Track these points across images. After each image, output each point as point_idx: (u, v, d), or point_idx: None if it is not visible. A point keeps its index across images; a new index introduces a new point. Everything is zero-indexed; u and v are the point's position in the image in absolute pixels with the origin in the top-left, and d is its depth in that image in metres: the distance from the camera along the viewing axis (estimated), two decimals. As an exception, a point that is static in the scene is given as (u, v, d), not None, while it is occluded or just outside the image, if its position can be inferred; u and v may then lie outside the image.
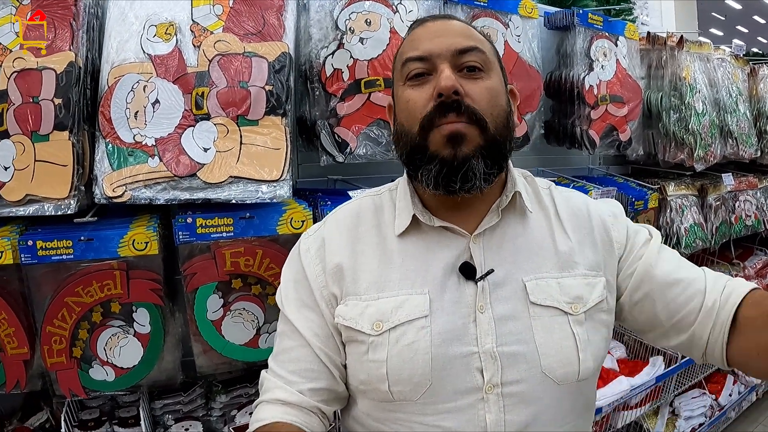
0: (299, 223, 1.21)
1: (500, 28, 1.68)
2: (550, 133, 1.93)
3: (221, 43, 1.22)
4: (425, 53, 0.83)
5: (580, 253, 0.89)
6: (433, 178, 0.80)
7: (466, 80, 0.81)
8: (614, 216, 0.94)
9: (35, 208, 1.12)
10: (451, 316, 0.82)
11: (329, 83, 1.37)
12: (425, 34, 0.85)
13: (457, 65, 0.82)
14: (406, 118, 0.84)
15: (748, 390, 2.71)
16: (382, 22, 1.41)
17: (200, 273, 1.19)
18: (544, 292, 0.84)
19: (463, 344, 0.81)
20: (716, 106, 2.31)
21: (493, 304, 0.83)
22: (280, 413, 0.85)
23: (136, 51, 1.19)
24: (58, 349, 1.15)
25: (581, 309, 0.85)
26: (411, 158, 0.84)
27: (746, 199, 2.53)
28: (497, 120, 0.82)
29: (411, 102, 0.83)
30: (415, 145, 0.82)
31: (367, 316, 0.84)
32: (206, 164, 1.16)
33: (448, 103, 0.79)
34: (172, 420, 1.36)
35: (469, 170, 0.79)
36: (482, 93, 0.81)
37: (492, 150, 0.81)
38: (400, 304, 0.83)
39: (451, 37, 0.83)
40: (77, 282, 1.12)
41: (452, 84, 0.79)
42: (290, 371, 0.88)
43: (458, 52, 0.82)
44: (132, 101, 1.16)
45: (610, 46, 1.94)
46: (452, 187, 0.80)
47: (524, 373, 0.81)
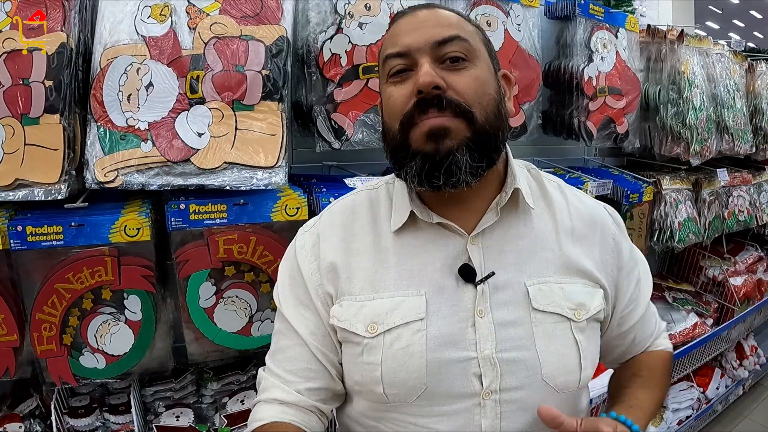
0: (294, 210, 1.20)
1: (501, 16, 1.66)
2: (547, 123, 1.91)
3: (217, 25, 1.19)
4: (404, 48, 0.80)
5: (584, 259, 0.87)
6: (416, 174, 0.78)
7: (449, 72, 0.78)
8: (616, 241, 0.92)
9: (25, 193, 1.09)
10: (449, 319, 0.80)
11: (327, 68, 1.34)
12: (404, 28, 0.82)
13: (439, 57, 0.79)
14: (389, 116, 0.82)
15: (735, 384, 2.75)
16: (381, 6, 1.39)
17: (193, 260, 1.17)
18: (548, 298, 0.82)
19: (461, 349, 0.80)
20: (713, 101, 2.30)
21: (493, 309, 0.81)
22: (279, 413, 0.85)
23: (130, 32, 1.16)
24: (48, 336, 1.13)
25: (584, 316, 0.83)
26: (395, 156, 0.81)
27: (739, 194, 2.55)
28: (486, 109, 0.79)
29: (392, 99, 0.80)
30: (397, 143, 0.80)
31: (362, 317, 0.82)
32: (200, 149, 1.14)
33: (428, 99, 0.76)
34: (163, 407, 1.35)
35: (452, 164, 0.76)
36: (467, 83, 0.78)
37: (480, 142, 0.77)
38: (396, 306, 0.81)
39: (430, 28, 0.80)
40: (68, 268, 1.10)
41: (431, 80, 0.75)
42: (287, 370, 0.87)
43: (438, 44, 0.78)
44: (125, 84, 1.14)
45: (610, 37, 1.93)
46: (436, 183, 0.77)
47: (524, 380, 0.80)
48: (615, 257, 0.91)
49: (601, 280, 0.88)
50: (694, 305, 2.49)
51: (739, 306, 2.51)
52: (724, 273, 2.60)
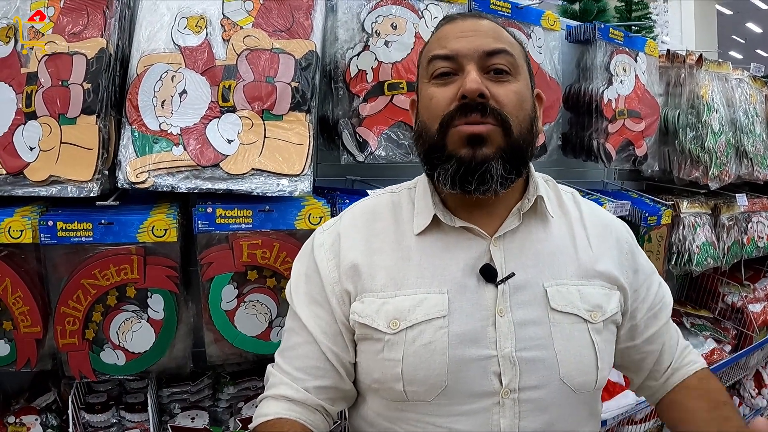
0: (317, 219, 1.22)
1: (522, 38, 1.69)
2: (566, 144, 1.93)
3: (250, 38, 1.23)
4: (452, 52, 0.81)
5: (600, 263, 0.88)
6: (450, 177, 0.79)
7: (493, 83, 0.80)
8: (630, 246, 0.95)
9: (58, 189, 1.13)
10: (470, 317, 0.81)
11: (353, 84, 1.38)
12: (453, 32, 0.83)
13: (485, 67, 0.81)
14: (428, 115, 0.82)
15: (753, 413, 2.69)
16: (407, 26, 1.42)
17: (217, 262, 1.20)
18: (565, 299, 0.83)
19: (481, 347, 0.80)
20: (733, 126, 2.30)
21: (513, 308, 0.82)
22: (284, 410, 0.85)
23: (167, 41, 1.21)
24: (71, 330, 1.15)
25: (600, 318, 0.84)
26: (429, 156, 0.83)
27: (759, 220, 2.52)
28: (522, 124, 0.81)
29: (434, 100, 0.81)
30: (434, 143, 0.81)
31: (384, 313, 0.82)
32: (229, 155, 1.17)
33: (471, 104, 0.78)
34: (179, 408, 1.37)
35: (486, 172, 0.78)
36: (509, 96, 0.80)
37: (513, 154, 0.80)
38: (419, 303, 0.82)
39: (480, 37, 0.82)
40: (94, 264, 1.13)
41: (477, 87, 0.77)
42: (296, 368, 0.87)
43: (486, 54, 0.80)
44: (160, 90, 1.18)
45: (630, 61, 1.95)
46: (468, 187, 0.79)
47: (543, 380, 0.80)
48: (630, 260, 0.93)
49: (619, 279, 0.89)
50: (713, 331, 2.45)
51: (757, 333, 2.47)
52: (743, 299, 2.56)
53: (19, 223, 1.10)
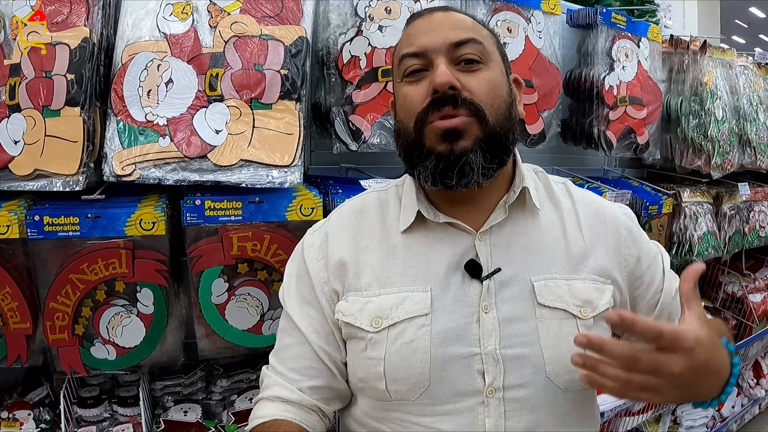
0: (309, 209, 1.20)
1: (522, 22, 1.65)
2: (566, 131, 1.90)
3: (238, 24, 1.20)
4: (420, 49, 0.81)
5: (592, 256, 0.86)
6: (430, 174, 0.79)
7: (464, 73, 0.80)
8: (629, 230, 0.91)
9: (43, 183, 1.11)
10: (454, 315, 0.80)
11: (346, 70, 1.35)
12: (421, 29, 0.84)
13: (454, 59, 0.80)
14: (404, 115, 0.83)
15: (751, 403, 2.69)
16: (401, 10, 1.39)
17: (206, 256, 1.17)
18: (553, 294, 0.81)
19: (464, 345, 0.79)
20: (736, 113, 2.26)
21: (498, 305, 0.81)
22: (280, 411, 0.85)
23: (152, 29, 1.17)
24: (61, 325, 1.14)
25: (590, 314, 0.82)
26: (409, 155, 0.83)
27: (761, 210, 2.49)
28: (498, 111, 0.80)
29: (408, 98, 0.82)
30: (412, 141, 0.81)
31: (367, 312, 0.82)
32: (217, 146, 1.14)
33: (443, 98, 0.78)
34: (172, 401, 1.36)
35: (465, 164, 0.77)
36: (481, 85, 0.80)
37: (492, 143, 0.79)
38: (401, 301, 0.82)
39: (447, 30, 0.82)
40: (82, 259, 1.12)
41: (447, 80, 0.77)
42: (290, 368, 0.88)
43: (454, 45, 0.80)
44: (145, 80, 1.15)
45: (632, 46, 1.90)
46: (449, 182, 0.79)
47: (528, 377, 0.79)
48: (630, 247, 0.90)
49: (612, 273, 0.87)
50: (712, 321, 2.44)
51: (757, 323, 2.46)
52: (743, 289, 2.55)
53: (5, 218, 1.07)
